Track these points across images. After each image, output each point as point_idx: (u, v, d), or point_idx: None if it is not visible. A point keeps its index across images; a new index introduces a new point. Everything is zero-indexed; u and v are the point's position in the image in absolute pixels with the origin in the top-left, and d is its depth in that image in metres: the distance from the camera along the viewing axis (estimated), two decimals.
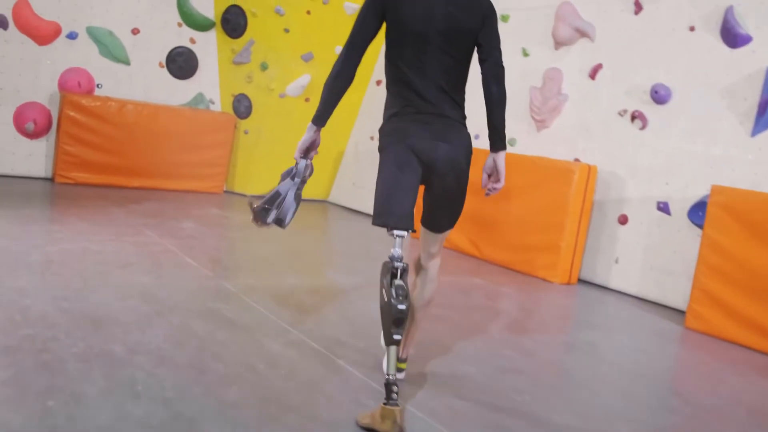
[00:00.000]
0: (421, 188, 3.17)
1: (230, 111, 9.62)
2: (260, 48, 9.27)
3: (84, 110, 8.41)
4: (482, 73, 3.13)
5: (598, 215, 6.70)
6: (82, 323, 3.65)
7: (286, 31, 9.05)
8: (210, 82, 9.63)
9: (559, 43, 7.21)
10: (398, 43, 3.05)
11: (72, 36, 8.62)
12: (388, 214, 2.98)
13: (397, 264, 2.91)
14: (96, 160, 8.55)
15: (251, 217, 3.20)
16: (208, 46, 9.52)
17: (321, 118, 3.10)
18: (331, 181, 10.13)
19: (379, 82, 9.18)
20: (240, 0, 9.25)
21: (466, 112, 3.23)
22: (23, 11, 8.31)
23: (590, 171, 6.52)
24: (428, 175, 3.06)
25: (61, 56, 8.59)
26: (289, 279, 5.44)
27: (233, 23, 9.32)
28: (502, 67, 3.17)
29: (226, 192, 9.61)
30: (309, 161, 3.21)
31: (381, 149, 3.15)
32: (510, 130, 7.67)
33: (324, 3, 8.94)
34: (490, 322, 4.92)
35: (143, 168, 8.87)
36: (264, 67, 9.23)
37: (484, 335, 4.56)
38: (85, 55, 8.73)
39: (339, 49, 9.17)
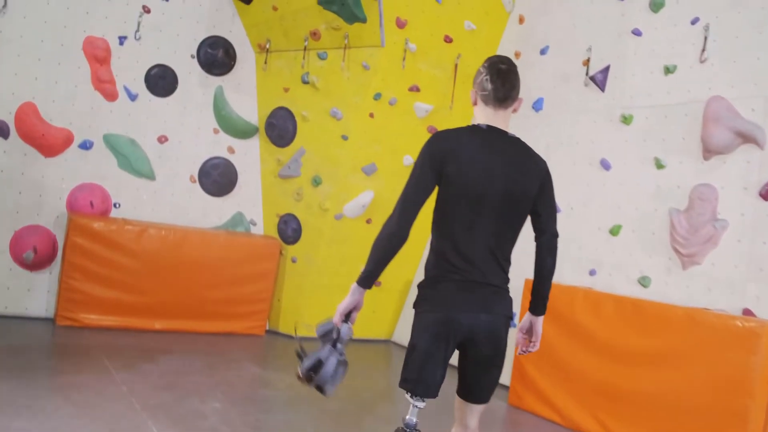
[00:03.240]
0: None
1: (275, 235, 8.04)
2: (312, 158, 7.72)
3: (95, 236, 6.83)
4: (538, 244, 3.13)
5: None
6: None
7: (344, 138, 7.46)
8: (251, 200, 8.13)
9: (710, 151, 5.39)
10: (452, 200, 2.97)
11: (86, 146, 7.18)
12: (419, 382, 2.98)
13: None
14: (108, 297, 6.91)
15: (296, 372, 3.04)
16: (249, 156, 8.07)
17: (368, 281, 2.99)
18: (396, 317, 8.30)
19: None
20: (288, 101, 7.75)
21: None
22: (28, 117, 6.87)
23: None
24: (465, 344, 3.02)
25: (72, 170, 7.14)
26: None
27: (280, 129, 7.80)
28: (557, 240, 3.13)
29: (268, 333, 7.86)
30: (351, 324, 3.05)
31: (417, 310, 3.06)
32: (641, 266, 5.84)
33: (390, 104, 7.35)
34: None
35: (167, 307, 7.19)
36: (316, 181, 7.63)
37: None
38: (100, 169, 7.28)
39: (408, 159, 7.62)
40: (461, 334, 2.96)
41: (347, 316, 3.04)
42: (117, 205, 7.38)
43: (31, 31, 6.88)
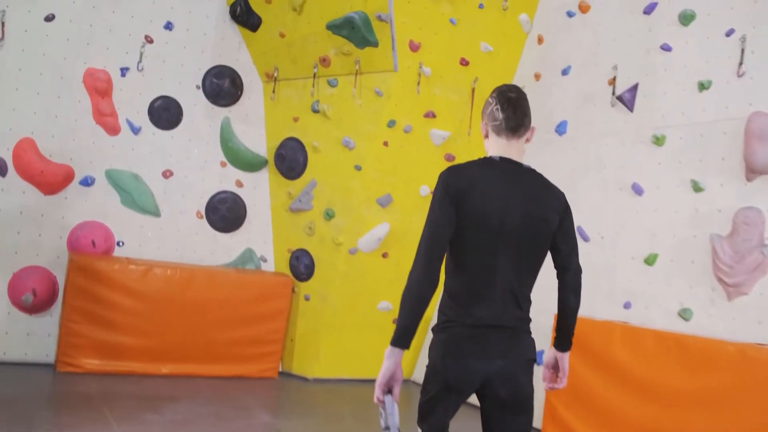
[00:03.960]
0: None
1: (287, 271, 7.67)
2: (324, 190, 7.37)
3: (98, 276, 6.49)
4: (560, 282, 2.98)
5: None
6: None
7: (357, 168, 7.11)
8: (261, 236, 7.78)
9: (755, 171, 4.99)
10: (467, 238, 2.80)
11: (87, 182, 6.88)
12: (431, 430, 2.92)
13: None
14: (111, 341, 6.55)
15: None
16: (258, 189, 7.73)
17: (405, 339, 2.72)
18: (416, 356, 7.85)
19: None
20: (298, 131, 7.43)
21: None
22: (26, 153, 6.58)
23: None
24: (482, 392, 2.88)
25: (73, 208, 6.83)
26: None
27: (290, 160, 7.47)
28: (581, 276, 3.00)
29: (282, 375, 7.43)
30: (396, 398, 2.70)
31: (430, 355, 2.89)
32: (681, 297, 5.39)
33: (405, 132, 7.00)
34: None
35: (174, 350, 6.82)
36: (329, 214, 7.27)
37: None
38: (102, 206, 6.96)
39: (425, 190, 7.24)
40: (476, 381, 2.84)
41: (390, 389, 2.74)
42: (120, 244, 7.05)
43: (29, 64, 6.63)
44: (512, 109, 2.87)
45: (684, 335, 4.91)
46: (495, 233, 2.78)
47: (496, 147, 2.90)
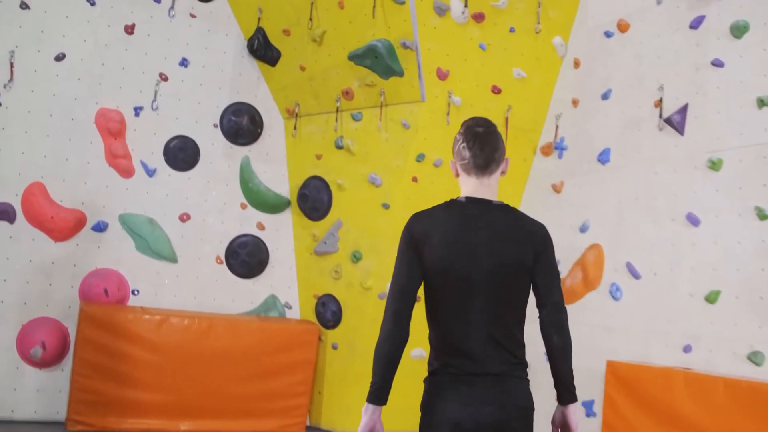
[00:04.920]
0: None
1: (313, 318, 7.30)
2: (350, 232, 7.01)
3: (111, 327, 6.14)
4: (540, 320, 2.77)
5: None
6: None
7: (385, 206, 6.70)
8: (285, 281, 7.43)
9: None
10: (436, 287, 2.72)
11: (99, 227, 6.57)
12: None
13: None
14: (125, 397, 6.16)
15: None
16: (281, 232, 7.40)
17: (379, 395, 2.69)
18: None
19: None
20: (322, 169, 7.08)
21: None
22: (36, 198, 6.30)
23: None
24: None
25: (85, 255, 6.50)
26: None
27: (313, 200, 7.11)
28: (565, 311, 2.79)
29: (309, 430, 7.02)
30: None
31: (421, 408, 2.77)
32: (751, 339, 4.78)
33: (435, 166, 6.58)
34: None
35: (193, 405, 6.41)
36: (356, 257, 6.86)
37: None
38: (116, 252, 6.65)
39: None
40: (466, 429, 2.68)
41: None
42: (135, 292, 6.70)
43: (39, 106, 6.40)
44: (479, 145, 2.75)
45: (758, 382, 4.34)
46: (463, 280, 2.69)
47: (467, 186, 2.80)
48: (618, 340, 5.60)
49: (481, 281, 2.68)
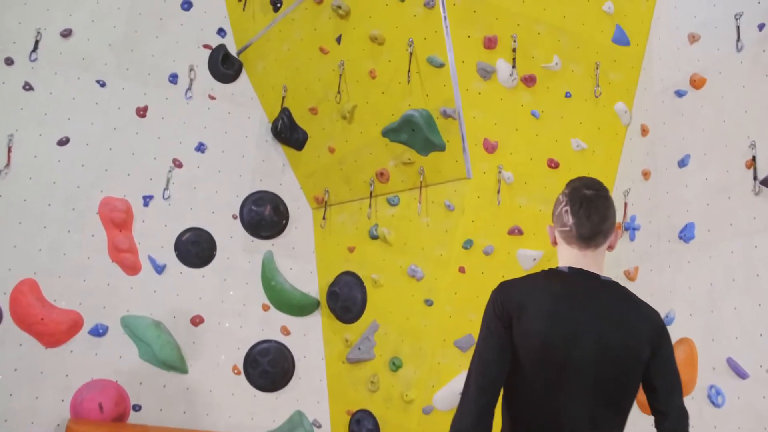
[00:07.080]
0: None
1: None
2: (388, 334, 6.04)
3: None
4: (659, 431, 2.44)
5: None
6: None
7: (428, 303, 5.77)
8: (313, 394, 6.41)
9: None
10: (523, 371, 2.34)
11: (98, 331, 5.73)
12: None
13: None
14: None
15: None
16: (308, 337, 6.45)
17: None
18: None
19: None
20: (355, 263, 6.24)
21: None
22: (25, 297, 5.52)
23: None
24: None
25: (79, 363, 5.64)
26: None
27: (345, 299, 6.22)
28: (688, 419, 2.41)
29: None
30: None
31: None
32: None
33: (485, 254, 5.68)
34: None
35: None
36: (396, 364, 5.88)
37: None
38: (116, 361, 5.76)
39: None
40: None
41: None
42: (137, 408, 5.76)
43: (36, 194, 5.74)
44: (586, 211, 2.49)
45: None
46: (559, 365, 2.33)
47: (567, 258, 2.54)
48: None
49: (581, 372, 2.31)
